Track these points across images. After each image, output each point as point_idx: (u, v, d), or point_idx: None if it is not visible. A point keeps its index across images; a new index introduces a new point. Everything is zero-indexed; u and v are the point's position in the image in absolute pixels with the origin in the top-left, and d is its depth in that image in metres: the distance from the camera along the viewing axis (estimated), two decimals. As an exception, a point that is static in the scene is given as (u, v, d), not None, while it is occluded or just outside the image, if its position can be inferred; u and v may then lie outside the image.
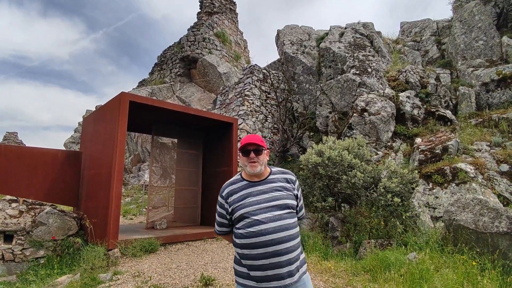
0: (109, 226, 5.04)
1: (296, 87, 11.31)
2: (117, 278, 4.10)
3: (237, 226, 1.81)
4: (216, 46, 18.45)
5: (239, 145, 1.94)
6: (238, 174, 1.99)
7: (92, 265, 4.38)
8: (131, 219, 9.71)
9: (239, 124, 9.39)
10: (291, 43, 11.94)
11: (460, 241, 4.07)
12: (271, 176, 1.91)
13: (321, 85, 10.20)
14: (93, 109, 20.09)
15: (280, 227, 1.73)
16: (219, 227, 1.96)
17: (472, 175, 5.84)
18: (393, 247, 5.09)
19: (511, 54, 8.53)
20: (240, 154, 1.90)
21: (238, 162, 8.79)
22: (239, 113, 9.73)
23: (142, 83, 20.62)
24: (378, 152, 7.62)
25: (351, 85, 9.01)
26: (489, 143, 6.77)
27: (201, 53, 17.67)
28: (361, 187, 5.47)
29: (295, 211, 1.88)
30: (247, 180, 1.88)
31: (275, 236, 1.70)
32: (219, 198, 1.92)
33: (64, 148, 20.38)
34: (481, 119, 7.62)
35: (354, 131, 8.02)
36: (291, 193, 1.87)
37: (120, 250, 5.11)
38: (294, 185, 1.95)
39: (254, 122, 9.80)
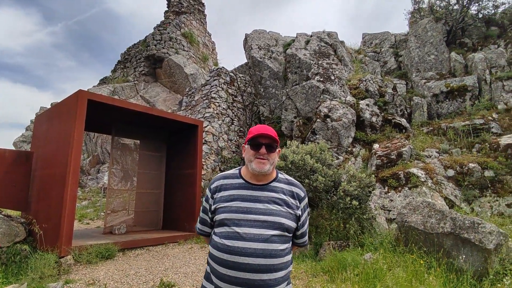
0: (61, 231, 4.74)
1: (263, 91, 11.45)
2: (69, 287, 3.87)
3: (216, 230, 1.48)
4: (183, 46, 18.16)
5: (205, 147, 1.73)
6: (236, 168, 1.65)
7: (41, 273, 4.09)
8: (88, 223, 9.21)
9: (205, 127, 9.30)
10: (258, 47, 12.09)
11: (410, 241, 4.36)
12: (275, 184, 1.54)
13: (287, 90, 10.42)
14: (48, 106, 18.84)
15: (264, 251, 1.35)
16: (200, 225, 1.66)
17: (423, 180, 6.28)
18: (351, 248, 5.32)
19: (458, 69, 9.32)
20: (247, 146, 1.54)
21: (203, 165, 8.70)
22: (205, 116, 9.64)
23: (103, 81, 19.70)
24: (339, 157, 7.93)
25: (315, 91, 9.30)
26: (438, 150, 7.32)
27: (167, 53, 17.28)
28: (322, 191, 5.65)
29: (290, 235, 1.50)
30: (245, 180, 1.54)
31: (253, 261, 1.32)
32: (207, 190, 1.61)
33: (13, 148, 18.85)
34: (432, 128, 8.23)
35: (317, 136, 8.29)
36: (292, 212, 1.49)
37: (73, 257, 4.82)
38: (300, 204, 1.56)
39: (220, 125, 9.76)
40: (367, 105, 8.90)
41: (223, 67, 11.00)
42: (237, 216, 1.41)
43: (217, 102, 9.95)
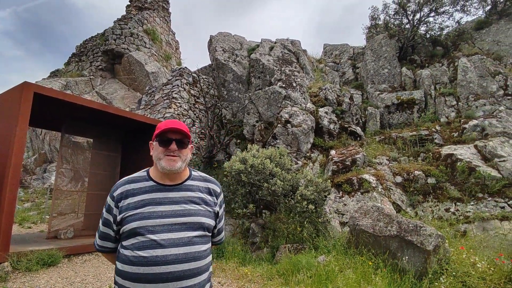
0: (-3, 236, 4.31)
1: (226, 94, 11.42)
2: (3, 297, 3.52)
3: (124, 243, 1.30)
4: (145, 43, 17.55)
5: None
6: (144, 170, 1.48)
7: (-29, 283, 3.68)
8: (30, 227, 8.47)
9: (165, 127, 9.03)
10: (223, 50, 12.06)
11: (361, 244, 4.59)
12: (190, 182, 1.45)
13: (250, 94, 10.50)
14: (-12, 97, 17.08)
15: (187, 255, 1.27)
16: (101, 241, 1.42)
17: (374, 185, 6.66)
18: (306, 251, 5.47)
19: (408, 83, 10.07)
20: (156, 142, 1.41)
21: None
22: (165, 116, 9.37)
23: (55, 74, 18.34)
24: (298, 162, 8.14)
25: (277, 97, 9.48)
26: (388, 158, 7.82)
27: (127, 49, 16.58)
28: (280, 195, 5.76)
29: (210, 234, 1.45)
30: (155, 181, 1.40)
31: (176, 268, 1.23)
32: (108, 199, 1.39)
33: None
34: (384, 137, 8.78)
35: (278, 140, 8.44)
36: (210, 210, 1.43)
37: (11, 264, 4.40)
38: (217, 199, 1.51)
39: (181, 126, 9.54)
40: (326, 112, 9.26)
41: (186, 67, 10.80)
42: (152, 222, 1.28)
43: (179, 103, 9.74)
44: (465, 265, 4.04)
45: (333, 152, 8.25)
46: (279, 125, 8.62)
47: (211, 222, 1.41)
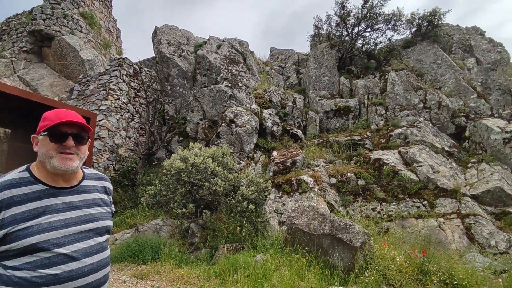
0: None
1: (170, 90, 11.01)
2: None
3: (10, 264, 1.05)
4: (81, 27, 16.03)
5: (98, 143, 1.25)
6: (21, 170, 1.22)
7: None
8: None
9: (99, 120, 8.37)
10: (168, 43, 11.60)
11: (296, 242, 4.78)
12: (86, 182, 1.28)
13: (195, 91, 10.27)
14: None
15: (100, 263, 1.18)
16: None
17: (311, 186, 7.00)
18: (245, 251, 5.52)
19: (345, 91, 10.82)
20: (44, 137, 1.20)
21: (94, 162, 7.78)
22: (100, 108, 8.67)
23: (-35, 52, 15.73)
24: (241, 162, 8.20)
25: (222, 96, 9.43)
26: (325, 160, 8.30)
27: (59, 31, 14.96)
28: (221, 194, 5.73)
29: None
30: (46, 184, 1.17)
31: (94, 278, 1.14)
32: None
33: None
34: (322, 140, 9.30)
35: (222, 140, 8.39)
36: (109, 210, 1.33)
37: None
38: (111, 198, 1.40)
39: (118, 120, 8.93)
40: (270, 114, 9.49)
41: (126, 57, 10.14)
42: (55, 234, 1.10)
43: (117, 95, 9.09)
44: (386, 259, 4.47)
45: (275, 153, 8.48)
46: (223, 124, 8.58)
47: (111, 223, 1.32)
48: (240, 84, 10.03)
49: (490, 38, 12.04)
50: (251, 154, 8.59)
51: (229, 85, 9.76)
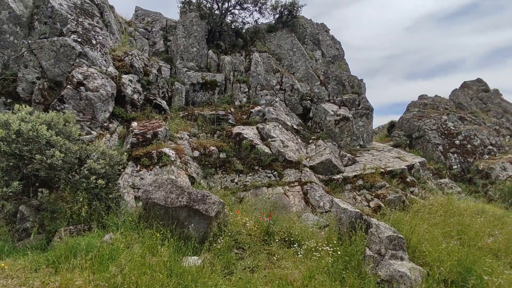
0: None
1: (-11, 34, 8.34)
2: None
3: None
4: None
5: None
6: None
7: None
8: None
9: None
10: (-14, -29, 8.64)
11: (152, 217, 4.54)
12: None
13: (30, 42, 8.15)
14: None
15: None
16: None
17: (173, 159, 6.78)
18: (93, 231, 4.89)
19: (213, 66, 10.85)
20: None
21: None
22: None
23: None
24: (92, 132, 7.12)
25: (69, 52, 7.82)
26: (189, 133, 8.18)
27: None
28: (61, 169, 4.82)
29: None
30: None
31: None
32: None
33: None
34: (187, 113, 9.10)
35: (67, 105, 7.03)
36: None
37: None
38: None
39: None
40: (130, 81, 8.54)
41: None
42: None
43: None
44: (238, 225, 4.81)
45: (135, 124, 7.75)
46: (69, 86, 7.17)
47: None
48: (94, 42, 8.56)
49: (333, 36, 14.38)
50: (106, 124, 7.58)
51: (79, 40, 8.16)
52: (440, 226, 5.50)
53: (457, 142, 12.66)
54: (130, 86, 8.42)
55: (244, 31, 12.58)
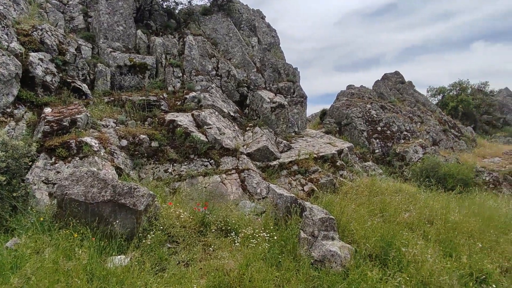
0: None
1: None
2: None
3: None
4: None
5: None
6: None
7: None
8: None
9: None
10: None
11: (68, 215, 3.98)
12: None
13: None
14: None
15: None
16: None
17: (96, 149, 6.07)
18: (-6, 237, 4.11)
19: (142, 47, 9.99)
20: None
21: None
22: None
23: None
24: (-9, 119, 5.98)
25: (-45, 21, 6.38)
26: (115, 120, 7.43)
27: None
28: None
29: None
30: None
31: None
32: None
33: None
34: (113, 98, 8.25)
35: (-47, 86, 5.75)
36: None
37: None
38: None
39: None
40: (41, 60, 7.36)
41: None
42: None
43: None
44: (171, 218, 4.51)
45: (48, 109, 6.74)
46: (-45, 63, 5.86)
47: None
48: (-10, 11, 7.12)
49: (269, 24, 14.41)
50: (9, 110, 6.43)
51: (-32, 7, 6.71)
52: (366, 205, 5.93)
53: (379, 128, 13.91)
54: (41, 66, 7.26)
55: (177, 11, 11.82)
